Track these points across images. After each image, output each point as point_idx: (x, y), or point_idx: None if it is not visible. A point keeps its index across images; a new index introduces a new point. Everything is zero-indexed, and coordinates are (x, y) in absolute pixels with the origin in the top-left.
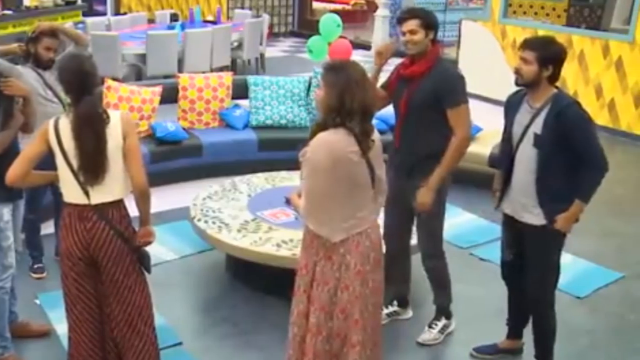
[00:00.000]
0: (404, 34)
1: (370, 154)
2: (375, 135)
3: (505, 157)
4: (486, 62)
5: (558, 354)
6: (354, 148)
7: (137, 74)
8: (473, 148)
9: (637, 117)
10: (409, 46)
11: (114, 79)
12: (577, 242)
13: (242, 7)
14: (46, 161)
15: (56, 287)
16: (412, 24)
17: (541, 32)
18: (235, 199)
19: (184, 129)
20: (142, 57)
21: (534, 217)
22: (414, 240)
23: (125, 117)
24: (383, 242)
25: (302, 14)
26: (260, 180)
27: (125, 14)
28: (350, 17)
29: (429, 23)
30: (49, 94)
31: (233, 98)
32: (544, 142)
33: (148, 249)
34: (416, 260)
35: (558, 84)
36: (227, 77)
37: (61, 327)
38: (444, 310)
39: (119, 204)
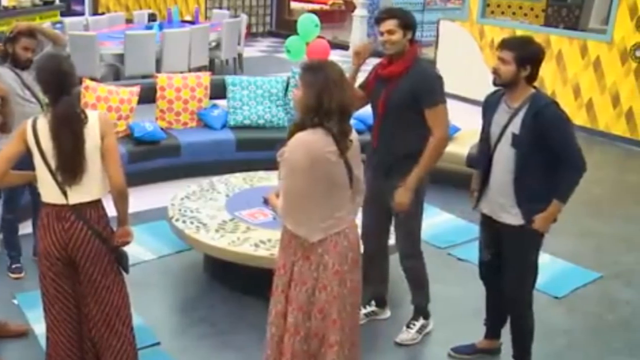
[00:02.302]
0: (381, 34)
1: (348, 154)
2: (353, 135)
3: (483, 157)
4: (464, 62)
5: (536, 354)
6: (332, 148)
7: (115, 74)
8: (451, 148)
9: (615, 117)
10: (386, 46)
11: (92, 79)
12: (555, 242)
13: (220, 7)
14: (24, 161)
15: (34, 287)
16: (390, 24)
17: (519, 32)
18: (213, 199)
19: (162, 129)
20: (120, 57)
21: (512, 217)
22: (392, 240)
23: (103, 117)
24: (361, 242)
25: (280, 14)
26: (238, 180)
27: (103, 14)
28: (328, 17)
29: (407, 23)
30: (27, 94)
31: (211, 98)
32: (522, 142)
33: (126, 249)
34: (394, 260)
35: (536, 84)
36: (205, 77)
37: (39, 327)
38: (422, 310)
39: (97, 204)
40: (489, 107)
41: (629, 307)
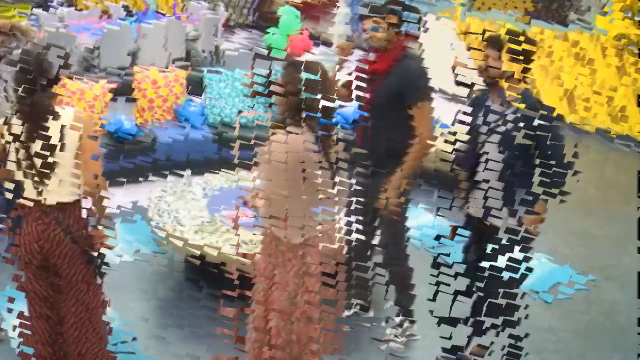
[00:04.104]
0: (365, 30)
1: (331, 152)
2: (337, 134)
3: (470, 157)
4: (450, 58)
5: (523, 354)
6: (314, 147)
7: (90, 67)
8: (437, 147)
9: (607, 115)
10: (371, 42)
11: (67, 77)
12: (546, 243)
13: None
14: None
15: (7, 288)
16: (374, 19)
17: (506, 27)
18: (192, 199)
19: (138, 125)
20: (96, 50)
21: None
22: (376, 241)
23: (79, 115)
24: (344, 243)
25: (261, 7)
26: (218, 180)
27: (80, 9)
28: (310, 11)
29: (392, 18)
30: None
31: (189, 93)
32: (509, 142)
33: (102, 249)
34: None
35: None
36: (182, 72)
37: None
38: (406, 312)
39: (73, 204)
40: (476, 105)
41: (617, 307)
